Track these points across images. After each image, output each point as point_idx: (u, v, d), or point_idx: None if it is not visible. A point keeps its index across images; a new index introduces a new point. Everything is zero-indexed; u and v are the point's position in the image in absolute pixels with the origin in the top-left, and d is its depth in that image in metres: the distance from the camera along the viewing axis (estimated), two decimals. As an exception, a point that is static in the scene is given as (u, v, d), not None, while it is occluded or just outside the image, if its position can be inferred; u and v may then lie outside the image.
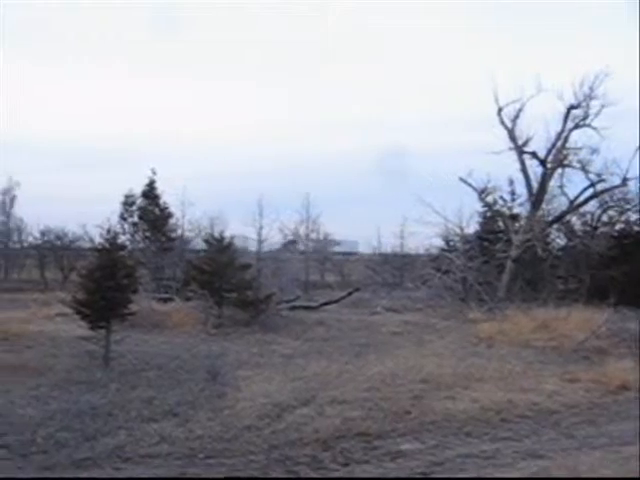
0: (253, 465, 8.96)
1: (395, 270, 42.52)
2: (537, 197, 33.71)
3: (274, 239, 40.03)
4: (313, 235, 49.83)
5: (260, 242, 27.73)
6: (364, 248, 52.77)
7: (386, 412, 11.35)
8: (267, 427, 10.44)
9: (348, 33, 69.26)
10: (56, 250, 53.10)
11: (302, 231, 47.88)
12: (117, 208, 41.52)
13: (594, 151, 33.12)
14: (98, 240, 19.32)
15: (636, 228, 34.04)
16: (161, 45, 72.66)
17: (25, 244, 56.51)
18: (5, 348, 17.16)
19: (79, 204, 67.80)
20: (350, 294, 32.88)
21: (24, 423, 10.30)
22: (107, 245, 16.64)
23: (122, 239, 33.07)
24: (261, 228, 31.01)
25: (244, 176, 62.77)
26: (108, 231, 17.47)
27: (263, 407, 11.40)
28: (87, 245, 46.38)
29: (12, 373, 14.08)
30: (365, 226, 55.31)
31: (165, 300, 27.29)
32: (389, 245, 47.18)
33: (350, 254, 53.20)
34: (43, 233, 53.93)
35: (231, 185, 64.61)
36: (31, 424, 10.24)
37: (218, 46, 73.94)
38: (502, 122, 34.09)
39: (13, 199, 54.00)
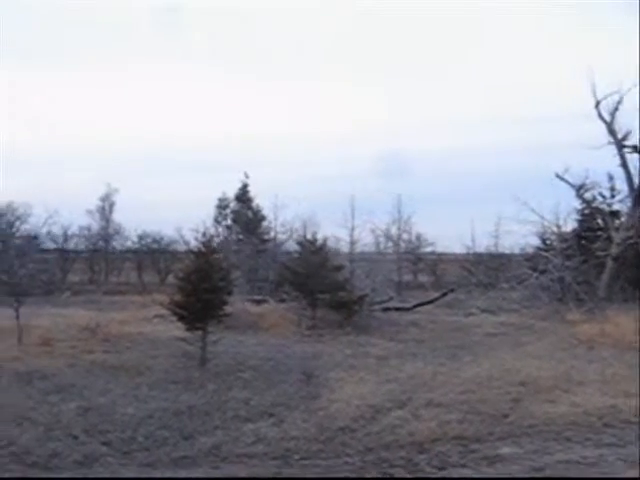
0: (348, 467, 8.93)
1: (490, 270, 41.67)
2: (639, 193, 32.46)
3: (366, 240, 39.92)
4: (405, 236, 49.47)
5: (352, 243, 27.71)
6: (458, 248, 52.02)
7: (483, 415, 11.11)
8: (362, 429, 10.39)
9: (443, 32, 68.31)
10: (153, 253, 54.67)
11: (394, 231, 47.58)
12: (211, 212, 42.44)
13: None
14: (193, 243, 19.79)
15: None
16: (256, 48, 73.58)
17: (123, 248, 58.31)
18: (106, 349, 17.69)
19: (174, 208, 69.39)
20: (444, 295, 32.46)
21: (125, 421, 10.58)
22: (203, 248, 16.95)
23: (216, 242, 33.63)
24: (353, 229, 30.99)
25: (336, 178, 62.81)
26: (204, 234, 17.80)
27: (357, 409, 11.35)
28: (182, 248, 47.60)
29: (113, 373, 14.52)
30: (458, 225, 54.39)
31: (259, 302, 27.60)
32: (483, 244, 46.36)
33: (443, 254, 52.51)
34: (141, 237, 55.62)
35: (323, 187, 64.70)
36: (132, 422, 10.51)
37: (310, 47, 74.35)
38: (600, 116, 33.04)
39: (112, 205, 55.68)
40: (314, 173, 67.10)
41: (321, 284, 23.80)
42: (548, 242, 34.87)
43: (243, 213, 43.70)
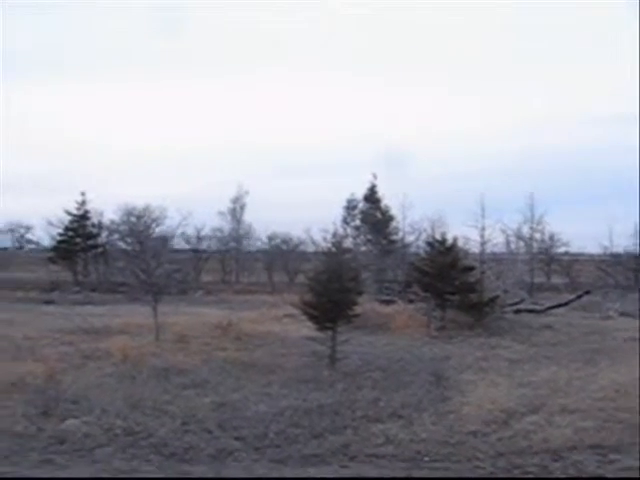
0: (479, 471, 8.73)
1: (628, 271, 39.84)
2: None
3: (496, 240, 38.97)
4: (537, 235, 48.03)
5: (482, 243, 27.08)
6: (593, 248, 50.02)
7: (624, 424, 10.55)
8: (493, 434, 10.12)
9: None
10: (282, 254, 55.65)
11: (526, 231, 46.29)
12: (340, 212, 42.78)
13: None
14: (322, 244, 19.98)
15: None
16: (378, 51, 73.67)
17: (254, 249, 59.72)
18: (238, 347, 18.11)
19: (303, 209, 70.44)
20: (579, 297, 31.27)
21: (257, 418, 10.79)
22: (333, 248, 17.06)
23: (346, 243, 33.82)
24: (483, 229, 30.23)
25: (465, 177, 61.89)
26: (333, 235, 17.89)
27: (489, 413, 11.08)
28: (311, 249, 48.27)
29: (245, 370, 14.85)
30: (595, 225, 52.29)
31: (387, 302, 27.53)
32: (621, 245, 44.37)
33: (578, 254, 50.60)
34: (270, 238, 56.81)
35: (451, 186, 64.00)
36: (264, 419, 10.71)
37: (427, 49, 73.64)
38: None
39: (243, 207, 57.16)
40: (442, 172, 66.44)
41: (451, 285, 23.45)
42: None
43: (371, 214, 43.77)
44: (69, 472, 8.56)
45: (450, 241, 25.45)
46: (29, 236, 67.26)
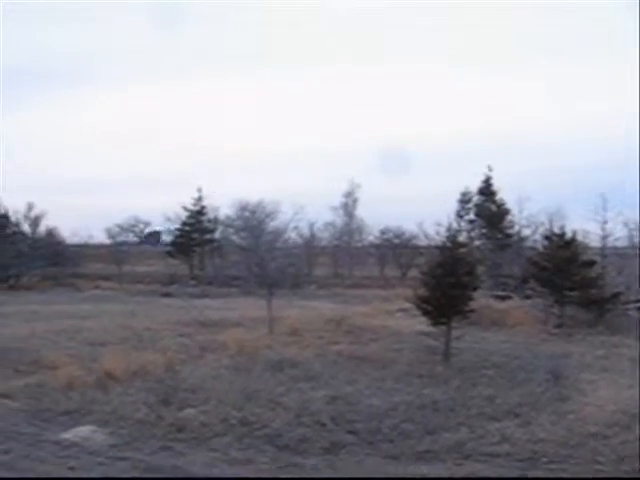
0: (600, 475, 8.38)
1: None
2: None
3: (619, 234, 37.37)
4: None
5: (604, 237, 26.02)
6: None
7: None
8: (616, 436, 9.67)
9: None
10: (395, 248, 55.38)
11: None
12: (453, 206, 42.07)
13: None
14: (435, 238, 19.70)
15: None
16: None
17: (366, 243, 59.73)
18: (350, 340, 18.14)
19: (415, 203, 69.89)
20: None
21: (371, 412, 10.74)
22: (448, 243, 16.80)
23: (460, 237, 33.25)
24: (605, 222, 29.08)
25: (585, 169, 59.66)
26: (448, 229, 17.61)
27: (612, 415, 10.60)
28: (424, 243, 47.76)
29: (358, 364, 14.84)
30: None
31: (503, 298, 26.89)
32: None
33: None
34: (382, 232, 56.62)
35: (570, 179, 61.88)
36: (377, 413, 10.65)
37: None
38: None
39: (355, 201, 57.21)
40: (561, 164, 64.33)
41: (570, 280, 22.60)
42: None
43: (486, 207, 42.87)
44: (187, 459, 8.79)
45: (569, 235, 24.56)
46: (148, 231, 69.64)
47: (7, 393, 12.37)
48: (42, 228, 60.65)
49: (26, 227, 59.99)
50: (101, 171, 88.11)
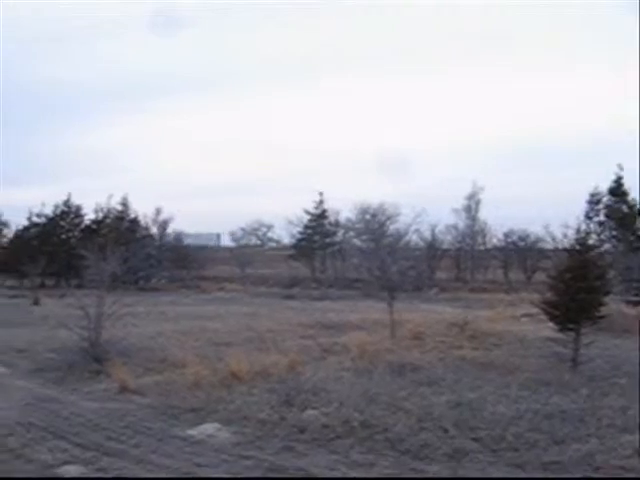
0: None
1: None
2: None
3: None
4: None
5: None
6: None
7: None
8: None
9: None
10: (519, 251, 54.03)
11: None
12: (581, 207, 40.61)
13: None
14: (563, 240, 19.02)
15: None
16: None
17: (489, 246, 58.60)
18: (474, 345, 17.79)
19: (542, 205, 67.99)
20: None
21: (495, 419, 10.44)
22: (577, 246, 16.18)
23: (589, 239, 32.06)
24: None
25: None
26: (577, 231, 16.95)
27: None
28: (550, 246, 46.34)
29: (481, 370, 14.52)
30: None
31: (635, 303, 25.66)
32: None
33: None
34: (506, 235, 55.39)
35: None
36: (501, 421, 10.34)
37: None
38: None
39: (478, 203, 56.27)
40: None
41: None
42: None
43: (617, 208, 41.09)
44: (309, 460, 8.83)
45: None
46: (270, 234, 71.07)
47: (138, 390, 12.89)
48: (170, 232, 62.97)
49: (154, 231, 62.45)
50: (225, 176, 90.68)
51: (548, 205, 66.02)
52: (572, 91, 74.47)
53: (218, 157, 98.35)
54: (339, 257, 59.14)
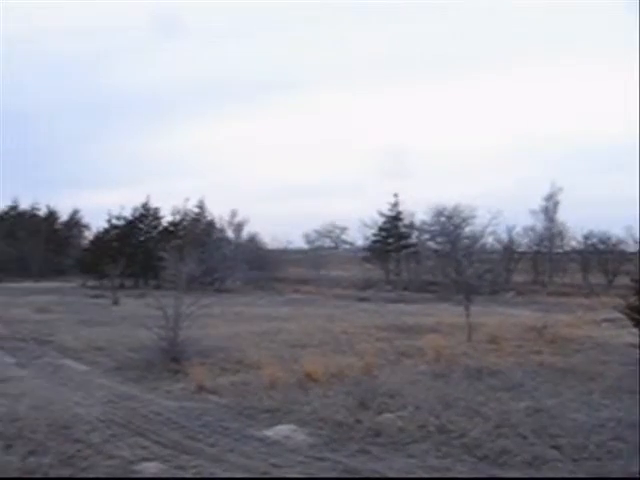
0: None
1: None
2: None
3: None
4: None
5: None
6: None
7: None
8: None
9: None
10: (599, 254, 52.61)
11: None
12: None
13: None
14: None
15: None
16: None
17: (568, 248, 57.27)
18: (553, 350, 17.38)
19: (623, 206, 66.03)
20: None
21: (576, 427, 10.16)
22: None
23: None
24: None
25: None
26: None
27: None
28: (633, 248, 44.99)
29: (561, 376, 14.15)
30: None
31: None
32: None
33: None
34: (586, 237, 54.00)
35: None
36: (583, 429, 10.06)
37: None
38: None
39: (556, 204, 55.06)
40: None
41: None
42: None
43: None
44: (385, 464, 8.76)
45: None
46: (344, 237, 71.13)
47: (215, 390, 13.06)
48: (245, 234, 63.77)
49: (230, 233, 63.37)
50: (300, 178, 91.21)
51: (630, 206, 63.86)
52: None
53: (292, 159, 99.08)
54: (414, 259, 58.76)
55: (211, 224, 63.63)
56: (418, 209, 58.64)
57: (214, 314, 24.35)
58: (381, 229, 59.75)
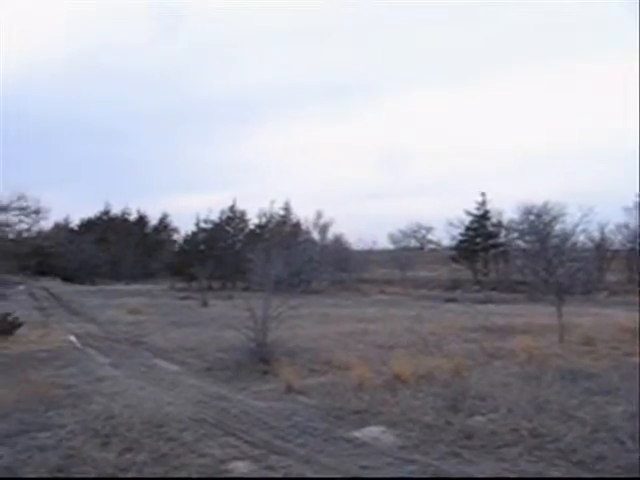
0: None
1: None
2: None
3: None
4: None
5: None
6: None
7: None
8: None
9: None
10: None
11: None
12: None
13: None
14: None
15: None
16: None
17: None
18: None
19: None
20: None
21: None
22: None
23: None
24: None
25: None
26: None
27: None
28: None
29: None
30: None
31: None
32: None
33: None
34: None
35: None
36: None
37: None
38: None
39: (650, 201, 53.15)
40: None
41: None
42: None
43: None
44: (476, 468, 8.60)
45: None
46: (430, 237, 70.61)
47: (303, 390, 13.11)
48: (330, 235, 64.08)
49: (315, 235, 63.79)
50: (384, 179, 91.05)
51: None
52: None
53: (376, 160, 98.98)
54: (502, 259, 57.77)
55: (297, 226, 64.27)
56: (506, 207, 57.64)
57: (301, 315, 24.52)
58: (468, 228, 59.08)
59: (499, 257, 57.97)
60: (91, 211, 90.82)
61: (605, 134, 79.18)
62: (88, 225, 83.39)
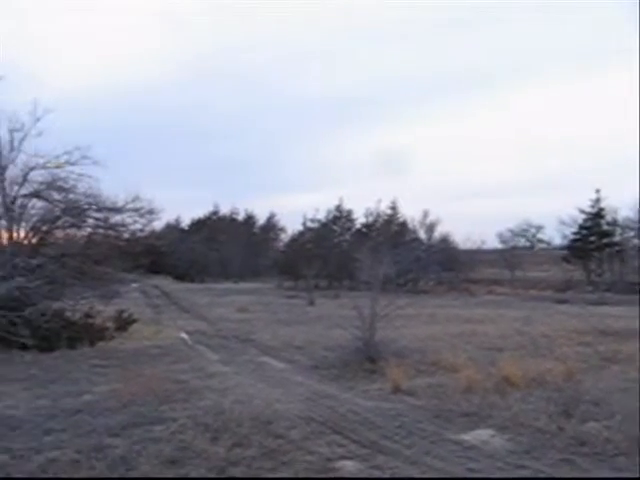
0: None
1: None
2: None
3: None
4: None
5: None
6: None
7: None
8: None
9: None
10: None
11: None
12: None
13: None
14: None
15: None
16: None
17: None
18: None
19: None
20: None
21: None
22: None
23: None
24: None
25: None
26: None
27: None
28: None
29: None
30: None
31: None
32: None
33: None
34: None
35: None
36: None
37: None
38: None
39: None
40: None
41: None
42: None
43: None
44: (590, 475, 8.30)
45: None
46: (540, 236, 68.78)
47: (411, 391, 13.01)
48: (437, 234, 63.38)
49: (422, 234, 63.22)
50: (492, 176, 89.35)
51: None
52: None
53: (484, 157, 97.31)
54: (618, 259, 55.61)
55: (404, 225, 63.88)
56: (622, 205, 55.46)
57: (408, 315, 24.36)
58: (582, 227, 57.15)
59: (614, 257, 55.83)
60: (201, 211, 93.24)
61: None
62: (198, 225, 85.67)
